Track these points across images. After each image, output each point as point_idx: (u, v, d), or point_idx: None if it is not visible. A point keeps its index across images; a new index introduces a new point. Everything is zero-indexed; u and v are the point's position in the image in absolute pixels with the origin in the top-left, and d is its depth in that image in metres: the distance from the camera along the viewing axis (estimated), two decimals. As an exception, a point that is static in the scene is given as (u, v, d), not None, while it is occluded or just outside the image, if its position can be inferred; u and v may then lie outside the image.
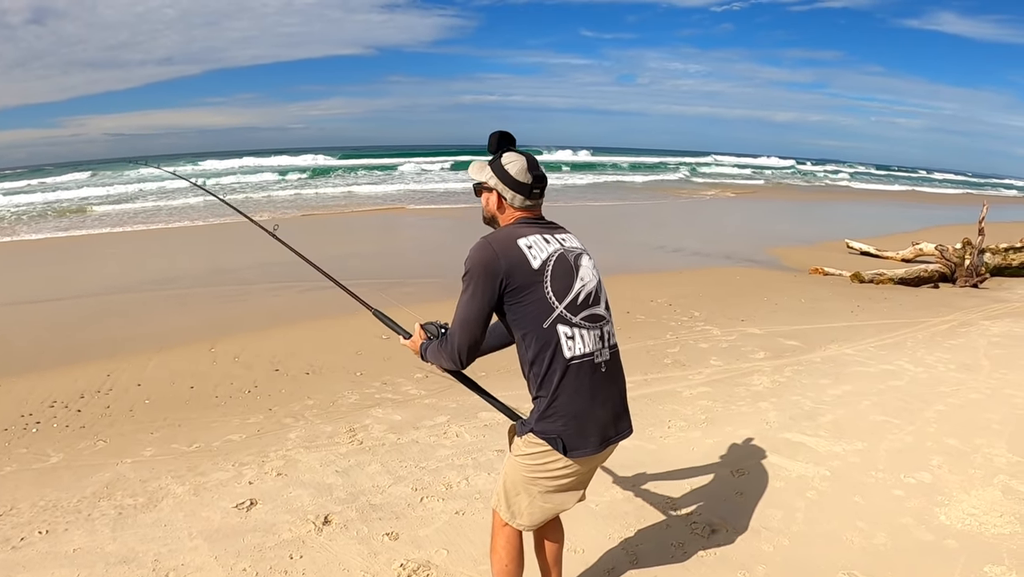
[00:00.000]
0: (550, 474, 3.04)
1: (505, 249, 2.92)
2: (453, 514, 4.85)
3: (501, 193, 3.06)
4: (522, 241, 2.95)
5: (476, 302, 2.92)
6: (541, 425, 2.98)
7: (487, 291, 2.90)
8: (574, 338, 2.92)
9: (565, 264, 2.97)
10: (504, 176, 3.04)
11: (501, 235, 3.01)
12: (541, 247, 2.96)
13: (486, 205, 3.15)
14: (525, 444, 3.05)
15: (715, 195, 42.67)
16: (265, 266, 14.28)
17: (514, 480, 3.13)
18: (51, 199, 32.26)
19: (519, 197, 3.06)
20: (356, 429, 6.35)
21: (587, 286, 3.00)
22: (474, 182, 3.18)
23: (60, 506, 5.05)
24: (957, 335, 10.26)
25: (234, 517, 4.83)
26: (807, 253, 17.99)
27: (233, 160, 58.11)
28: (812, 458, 5.84)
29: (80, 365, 8.20)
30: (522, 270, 2.90)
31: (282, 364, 8.10)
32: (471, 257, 2.95)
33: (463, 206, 27.35)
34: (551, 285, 2.91)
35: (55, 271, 15.17)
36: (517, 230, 3.02)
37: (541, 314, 2.90)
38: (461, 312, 2.96)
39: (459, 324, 2.97)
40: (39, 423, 6.62)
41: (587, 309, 2.98)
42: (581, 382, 2.94)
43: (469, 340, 2.98)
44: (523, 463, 3.07)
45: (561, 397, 2.93)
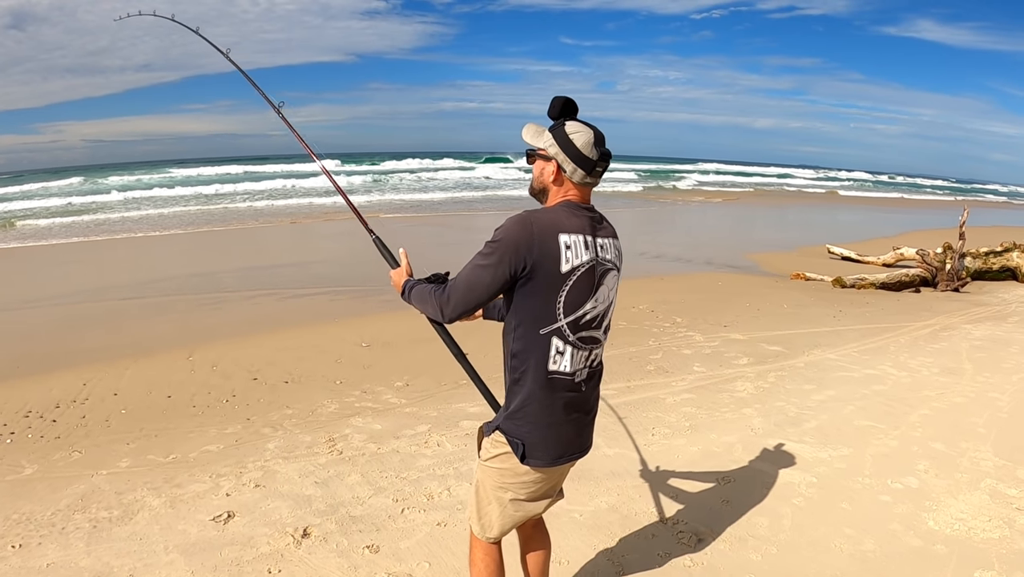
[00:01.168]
0: (518, 480, 2.96)
1: (544, 237, 2.72)
2: (435, 525, 4.76)
3: (561, 164, 2.82)
4: (563, 237, 2.74)
5: (490, 274, 2.73)
6: (507, 424, 2.90)
7: (507, 269, 2.71)
8: (563, 354, 2.81)
9: (590, 279, 2.80)
10: (567, 146, 2.79)
11: (546, 219, 2.77)
12: (578, 251, 2.76)
13: (539, 175, 2.91)
14: (492, 444, 2.97)
15: (703, 200, 42.79)
16: (242, 273, 14.19)
17: (484, 488, 3.04)
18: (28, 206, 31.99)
19: (580, 172, 2.81)
20: (336, 439, 6.25)
21: (597, 308, 2.86)
22: (528, 147, 2.95)
23: (34, 519, 4.92)
24: (939, 339, 10.27)
25: (211, 530, 4.72)
26: (787, 259, 18.04)
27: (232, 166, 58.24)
28: (798, 464, 5.79)
29: (55, 374, 8.05)
30: (549, 268, 2.72)
31: (260, 373, 7.99)
32: (506, 228, 2.73)
33: (436, 213, 27.27)
34: (566, 296, 2.76)
35: (28, 278, 14.98)
36: (564, 219, 2.79)
37: (542, 319, 2.77)
38: (471, 275, 2.78)
39: (465, 285, 2.79)
40: (13, 433, 6.48)
41: (587, 331, 2.85)
42: (556, 396, 2.85)
43: (467, 304, 2.83)
44: (492, 468, 2.99)
45: (532, 405, 2.85)
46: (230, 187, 39.97)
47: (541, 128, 2.92)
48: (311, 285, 13.19)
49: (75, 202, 33.31)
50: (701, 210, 36.77)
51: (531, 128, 2.95)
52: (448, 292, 2.85)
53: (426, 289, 2.98)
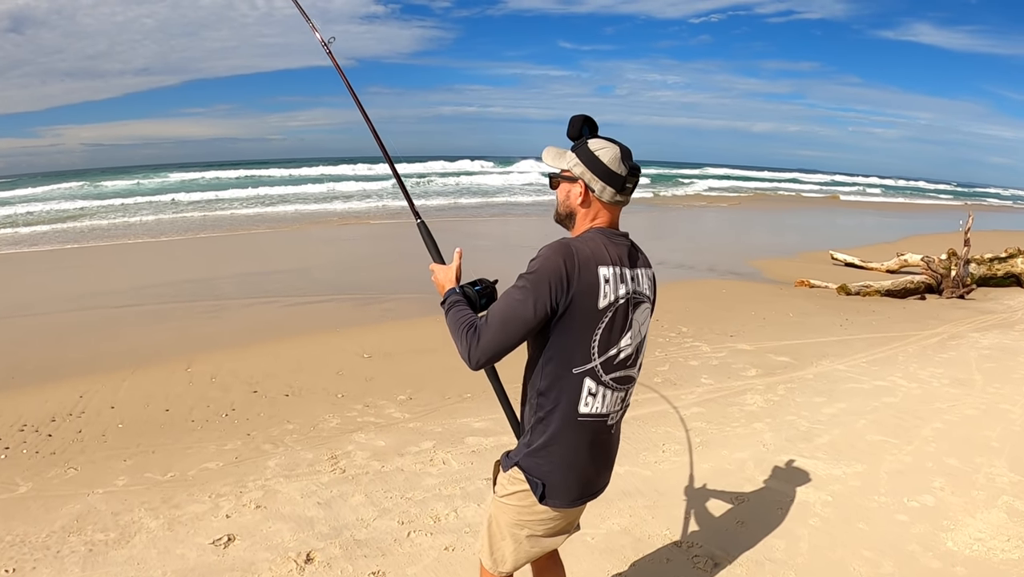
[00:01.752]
0: (536, 517, 2.79)
1: (585, 269, 2.52)
2: (442, 550, 4.62)
3: (588, 184, 2.64)
4: (603, 270, 2.55)
5: (528, 308, 2.49)
6: (527, 461, 2.73)
7: (544, 303, 2.49)
8: (596, 396, 2.63)
9: (625, 315, 2.61)
10: (594, 164, 2.62)
11: (586, 249, 2.56)
12: (616, 285, 2.57)
13: (565, 198, 2.73)
14: (509, 481, 2.80)
15: (704, 205, 42.75)
16: (240, 280, 14.09)
17: (499, 524, 2.88)
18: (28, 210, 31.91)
19: (609, 190, 2.63)
20: (338, 456, 6.11)
21: (632, 345, 2.68)
22: (550, 171, 2.77)
23: (28, 541, 4.78)
24: (948, 348, 10.17)
25: (211, 555, 4.57)
26: (790, 265, 17.96)
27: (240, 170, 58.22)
28: (812, 482, 5.67)
29: (51, 385, 7.92)
30: (587, 303, 2.53)
31: (260, 385, 7.85)
32: (545, 257, 2.52)
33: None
34: (601, 334, 2.57)
35: (23, 284, 14.84)
36: (603, 250, 2.59)
37: (575, 358, 2.58)
38: (507, 309, 2.53)
39: (499, 323, 2.53)
40: (8, 448, 6.35)
41: (622, 370, 2.67)
42: (583, 439, 2.69)
43: (500, 345, 2.54)
44: (508, 505, 2.82)
45: (557, 445, 2.67)
46: (233, 192, 39.86)
47: (562, 149, 2.75)
48: (309, 292, 13.07)
49: (71, 207, 33.22)
50: (704, 215, 36.73)
51: (551, 151, 2.78)
52: (480, 332, 2.57)
53: (462, 320, 2.67)
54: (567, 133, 2.71)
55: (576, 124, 2.69)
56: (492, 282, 2.95)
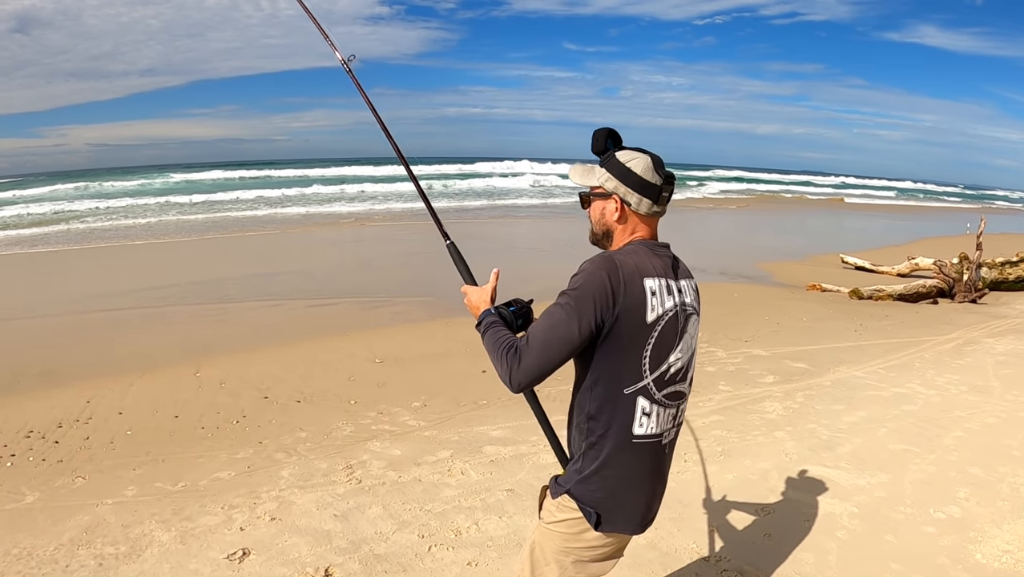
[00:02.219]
0: (586, 544, 2.62)
1: (631, 283, 2.38)
2: (465, 565, 4.49)
3: (624, 198, 2.50)
4: (649, 283, 2.42)
5: (573, 327, 2.35)
6: (579, 489, 2.55)
7: (591, 320, 2.34)
8: (650, 416, 2.48)
9: (674, 327, 2.47)
10: (627, 176, 2.48)
11: (629, 262, 2.43)
12: (663, 297, 2.44)
13: (600, 217, 2.58)
14: (558, 508, 2.63)
15: (712, 207, 42.66)
16: (247, 282, 13.99)
17: (544, 550, 2.69)
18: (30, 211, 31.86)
19: (646, 201, 2.50)
20: (353, 466, 5.99)
21: (683, 359, 2.53)
22: (581, 190, 2.64)
23: (35, 555, 4.66)
24: (963, 354, 10.06)
25: (225, 570, 4.44)
26: (800, 268, 17.89)
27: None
28: (837, 493, 5.56)
29: (58, 390, 7.83)
30: (635, 318, 2.38)
31: (271, 391, 7.74)
32: (588, 272, 2.39)
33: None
34: (652, 349, 2.42)
35: (28, 286, 14.74)
36: (646, 262, 2.46)
37: (627, 377, 2.43)
38: (548, 329, 2.38)
39: (541, 343, 2.38)
40: (14, 456, 6.25)
41: (674, 386, 2.52)
42: (637, 461, 2.53)
43: (542, 367, 2.37)
44: (556, 532, 2.65)
45: (610, 469, 2.51)
46: (238, 193, 39.78)
47: (590, 166, 2.61)
48: (316, 295, 12.98)
49: (76, 207, 33.16)
50: (712, 217, 36.57)
51: (578, 168, 2.65)
52: (520, 353, 2.41)
53: (501, 342, 2.50)
54: (592, 148, 2.58)
55: (601, 138, 2.57)
56: (528, 302, 2.81)
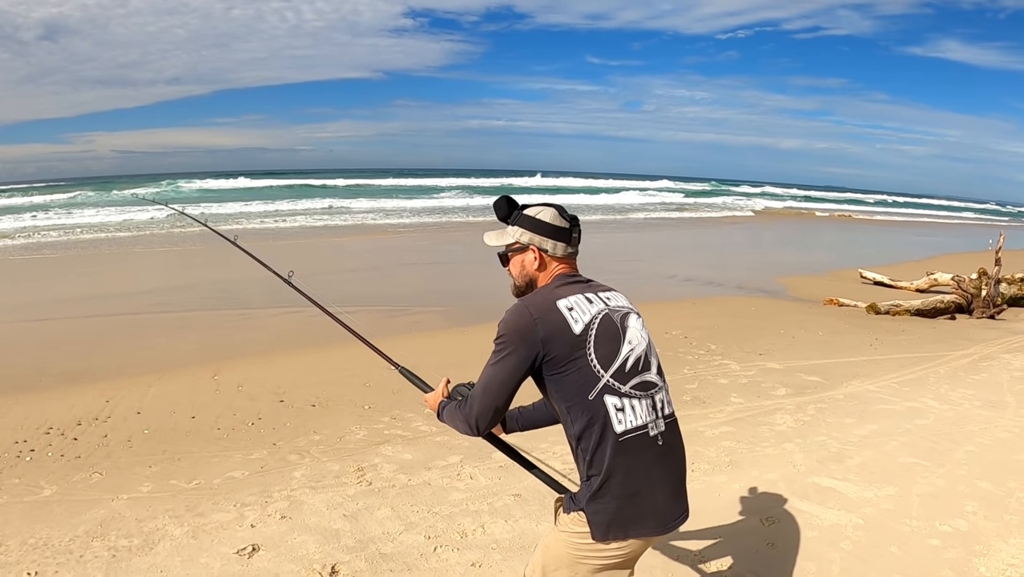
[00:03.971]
0: (600, 554, 2.67)
1: (544, 314, 2.62)
2: (469, 566, 4.57)
3: (540, 246, 2.78)
4: (562, 303, 2.65)
5: (505, 369, 2.62)
6: (593, 506, 2.62)
7: (521, 361, 2.61)
8: (624, 410, 2.59)
9: (611, 326, 2.66)
10: (539, 226, 2.78)
11: (538, 298, 2.70)
12: (583, 308, 2.66)
13: (521, 269, 2.85)
14: (572, 522, 2.69)
15: (736, 219, 42.61)
16: (267, 289, 14.11)
17: (557, 555, 2.76)
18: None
19: (561, 244, 2.78)
20: (364, 468, 6.09)
21: (636, 350, 2.67)
22: (499, 251, 2.91)
23: (51, 545, 4.79)
24: (979, 369, 10.04)
25: (235, 565, 4.54)
26: (819, 282, 17.86)
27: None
28: (843, 504, 5.58)
29: (78, 389, 7.99)
30: (563, 338, 2.59)
31: (287, 395, 7.85)
32: (506, 322, 2.65)
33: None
34: (595, 352, 2.59)
35: (47, 290, 14.92)
36: (556, 291, 2.71)
37: (586, 384, 2.58)
38: (487, 376, 2.68)
39: (482, 388, 2.68)
40: (33, 451, 6.39)
41: (637, 376, 2.65)
42: (635, 459, 2.60)
43: (490, 406, 2.68)
44: (570, 540, 2.71)
45: (615, 477, 2.58)
46: (257, 204, 40.02)
47: (501, 229, 2.90)
48: (335, 303, 12.99)
49: (100, 215, 33.45)
50: (726, 231, 36.56)
51: (491, 234, 2.94)
52: (470, 401, 2.75)
53: (452, 406, 2.88)
54: (498, 216, 2.88)
55: (503, 205, 2.89)
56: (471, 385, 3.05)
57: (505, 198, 2.86)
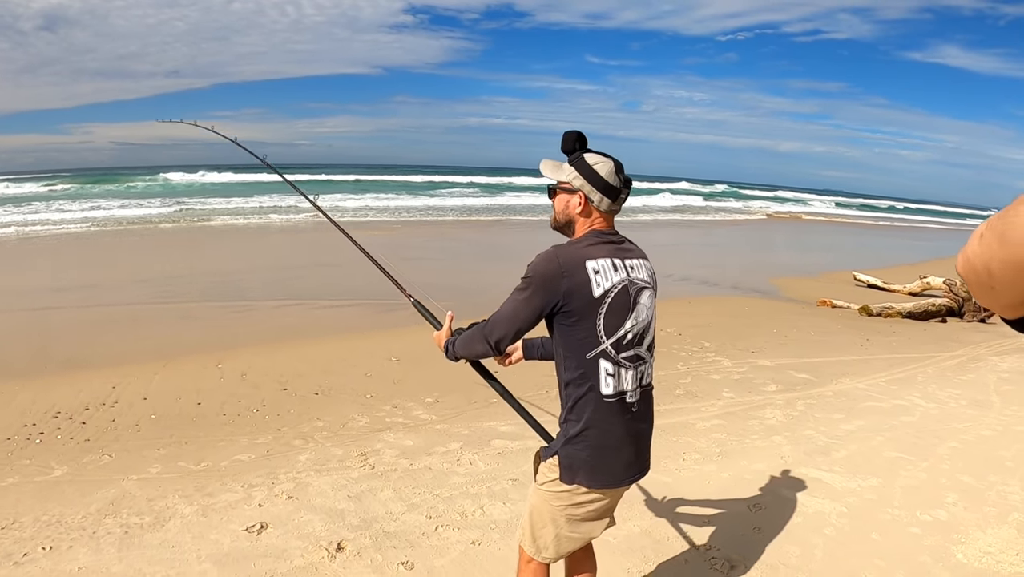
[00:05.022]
0: (575, 501, 2.96)
1: (571, 268, 2.78)
2: (469, 544, 4.75)
3: (588, 195, 2.87)
4: (591, 264, 2.80)
5: (528, 307, 2.81)
6: (567, 449, 2.91)
7: (541, 303, 2.79)
8: (614, 376, 2.84)
9: (624, 298, 2.84)
10: (592, 176, 2.85)
11: (571, 252, 2.84)
12: (608, 274, 2.81)
13: (564, 208, 2.95)
14: (550, 469, 2.98)
15: (737, 222, 42.67)
16: (269, 281, 14.25)
17: (540, 511, 3.04)
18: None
19: (606, 200, 2.88)
20: (367, 453, 6.26)
21: (638, 325, 2.88)
22: (549, 182, 3.00)
23: (64, 522, 4.95)
24: (967, 370, 10.21)
25: (244, 541, 4.72)
26: (813, 284, 17.98)
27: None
28: (828, 494, 5.76)
29: (85, 375, 8.14)
30: (582, 295, 2.77)
31: (290, 384, 8.01)
32: (536, 265, 2.81)
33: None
34: (604, 318, 2.80)
35: (51, 278, 15.02)
36: (589, 250, 2.85)
37: (586, 344, 2.81)
38: (512, 308, 2.86)
39: (507, 317, 2.87)
40: (43, 434, 6.54)
41: (631, 349, 2.88)
42: (613, 419, 2.88)
43: (510, 331, 2.88)
44: (549, 491, 2.99)
45: (592, 429, 2.87)
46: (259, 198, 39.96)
47: (559, 162, 2.97)
48: (337, 296, 13.24)
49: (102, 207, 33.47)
50: (722, 232, 36.64)
51: (549, 163, 3.00)
52: (491, 323, 2.93)
53: (469, 331, 3.07)
54: (562, 148, 2.94)
55: (570, 139, 2.92)
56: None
57: (575, 133, 2.92)
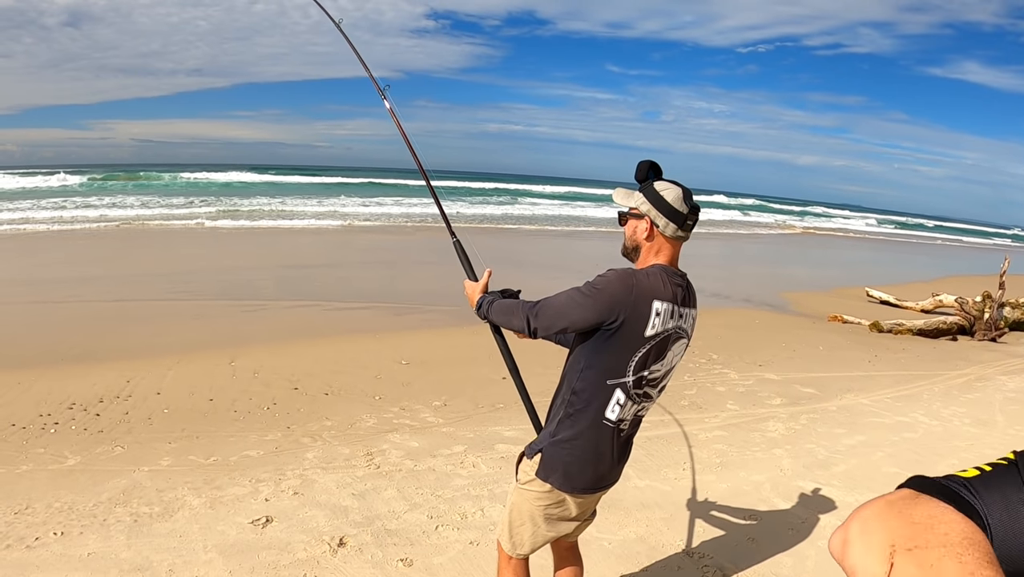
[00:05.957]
0: (554, 501, 3.09)
1: (641, 299, 2.84)
2: (467, 544, 4.87)
3: (654, 220, 2.92)
4: (657, 304, 2.85)
5: (581, 313, 2.86)
6: (550, 450, 3.03)
7: (597, 315, 2.83)
8: (623, 406, 2.94)
9: (664, 345, 2.93)
10: (659, 202, 2.91)
11: (648, 282, 2.87)
12: (665, 320, 2.88)
13: (632, 233, 3.01)
14: (532, 467, 3.09)
15: (747, 236, 42.58)
16: (283, 282, 14.38)
17: (520, 509, 3.16)
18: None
19: (672, 226, 2.92)
20: (373, 453, 6.37)
21: (661, 371, 2.99)
22: (620, 209, 3.07)
23: (75, 509, 5.10)
24: (973, 389, 10.22)
25: (249, 533, 4.86)
26: (825, 299, 17.93)
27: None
28: (825, 507, 5.83)
29: (100, 368, 8.28)
30: (635, 329, 2.84)
31: (301, 383, 8.13)
32: (609, 280, 2.85)
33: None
34: (640, 357, 2.88)
35: (69, 270, 15.19)
36: (661, 286, 2.89)
37: (612, 371, 2.90)
38: (565, 304, 2.92)
39: (557, 311, 2.93)
40: (57, 424, 6.68)
41: (647, 388, 2.98)
42: (602, 439, 3.00)
43: (553, 326, 2.97)
44: (530, 490, 3.11)
45: (580, 441, 2.99)
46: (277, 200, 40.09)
47: (631, 190, 3.05)
48: (350, 298, 13.39)
49: (123, 205, 33.67)
50: (736, 244, 36.54)
51: (621, 191, 3.09)
52: (539, 309, 2.99)
53: (512, 303, 3.14)
54: (635, 176, 3.02)
55: (643, 168, 3.00)
56: (517, 292, 3.34)
57: (648, 162, 3.01)
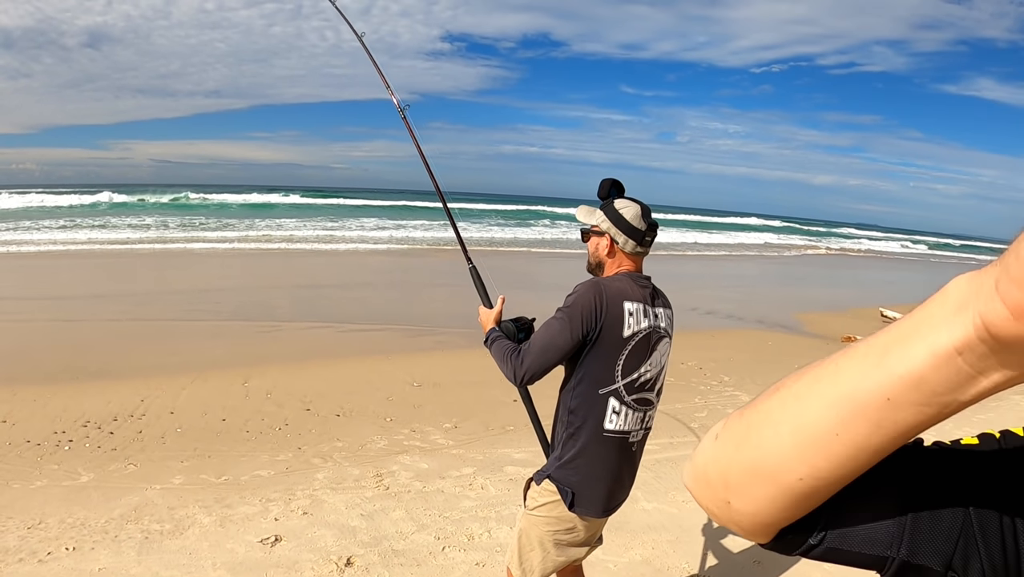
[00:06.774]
0: (563, 526, 3.11)
1: (613, 303, 2.93)
2: (473, 565, 4.90)
3: (613, 237, 3.05)
4: (628, 305, 2.95)
5: (564, 335, 2.92)
6: (559, 473, 3.06)
7: (578, 331, 2.90)
8: (620, 414, 2.98)
9: (646, 344, 2.99)
10: (618, 220, 3.03)
11: (614, 287, 2.99)
12: (639, 318, 2.97)
13: (594, 250, 3.13)
14: (540, 493, 3.12)
15: (763, 256, 42.48)
16: (297, 303, 14.44)
17: (529, 535, 3.18)
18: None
19: (631, 242, 3.04)
20: (383, 474, 6.41)
21: (650, 372, 3.03)
22: (582, 226, 3.17)
23: (88, 525, 5.18)
24: (987, 409, 10.10)
25: (258, 551, 4.91)
26: (838, 320, 17.84)
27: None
28: (833, 531, 5.81)
29: (114, 386, 8.36)
30: (614, 332, 2.92)
31: (313, 404, 8.17)
32: (579, 293, 2.95)
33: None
34: (624, 360, 2.94)
35: (85, 289, 15.31)
36: (629, 288, 3.00)
37: (601, 380, 2.95)
38: (548, 336, 2.96)
39: (540, 348, 2.96)
40: (71, 441, 6.76)
41: (641, 392, 3.02)
42: (608, 454, 3.02)
43: (542, 366, 2.97)
44: (538, 516, 3.14)
45: (584, 458, 3.02)
46: (290, 220, 40.22)
47: (592, 208, 3.16)
48: (363, 320, 13.39)
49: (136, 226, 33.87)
50: (748, 264, 36.47)
51: (584, 209, 3.21)
52: (523, 355, 3.02)
53: (505, 349, 3.14)
54: (597, 193, 3.15)
55: (605, 186, 3.14)
56: (531, 320, 3.39)
57: (611, 181, 3.15)
